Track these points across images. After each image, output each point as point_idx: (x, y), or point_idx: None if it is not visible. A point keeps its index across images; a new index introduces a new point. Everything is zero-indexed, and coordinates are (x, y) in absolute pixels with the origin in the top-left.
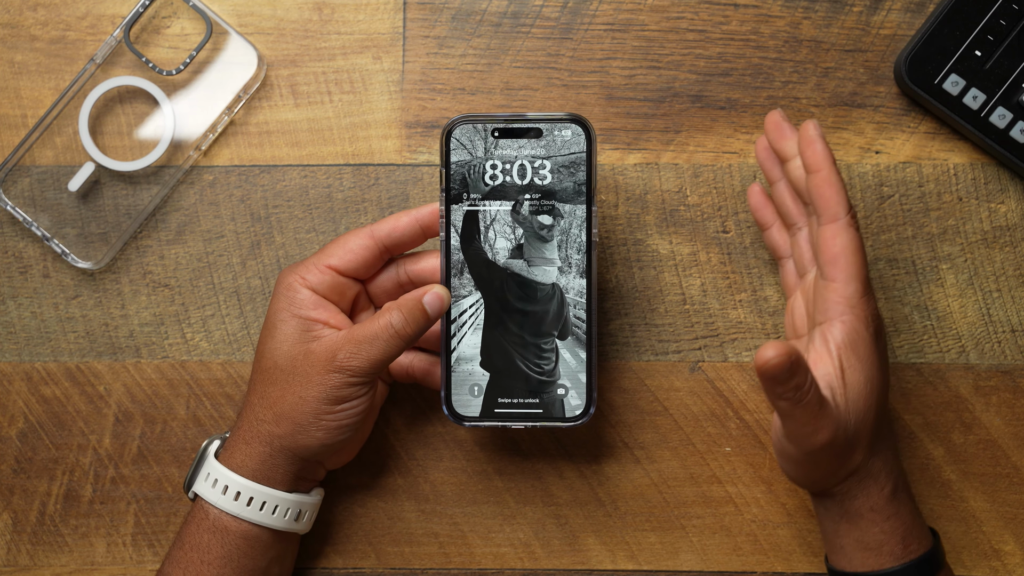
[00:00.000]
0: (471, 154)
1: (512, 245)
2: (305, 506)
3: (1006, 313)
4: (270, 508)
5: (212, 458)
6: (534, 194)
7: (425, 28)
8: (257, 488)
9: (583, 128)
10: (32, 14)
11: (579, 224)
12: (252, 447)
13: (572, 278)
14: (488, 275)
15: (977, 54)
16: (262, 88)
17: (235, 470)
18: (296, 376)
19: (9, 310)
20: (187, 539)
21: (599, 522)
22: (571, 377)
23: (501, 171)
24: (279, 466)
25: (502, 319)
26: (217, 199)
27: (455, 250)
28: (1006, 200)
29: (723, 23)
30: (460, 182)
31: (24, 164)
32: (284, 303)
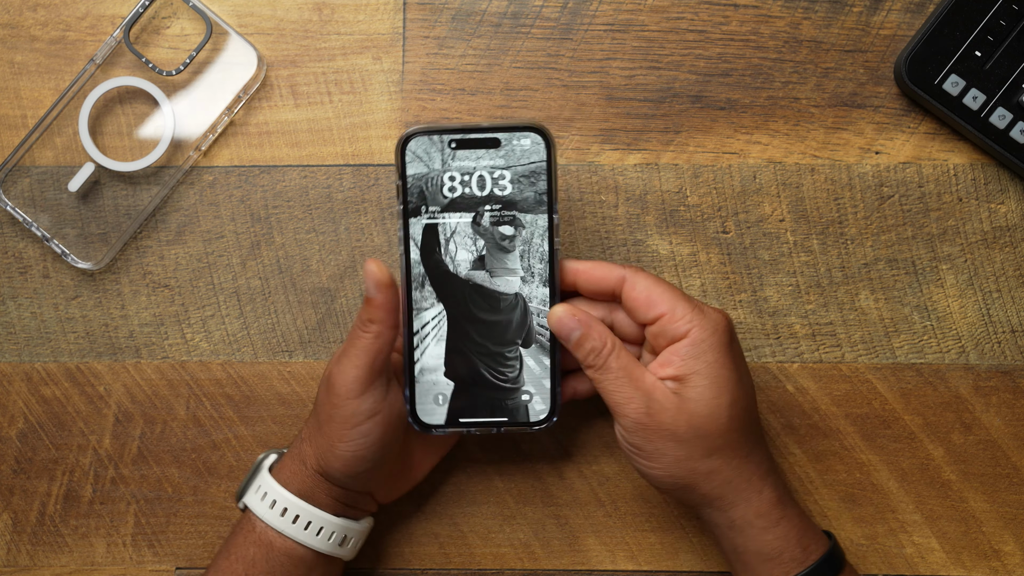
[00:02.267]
0: (428, 166)
1: (474, 256)
2: (351, 532)
3: (1006, 313)
4: (314, 529)
5: (266, 471)
6: (494, 205)
7: (425, 28)
8: (303, 506)
9: (542, 136)
10: (32, 14)
11: (541, 233)
12: (296, 466)
13: (535, 287)
14: (450, 287)
15: (977, 54)
16: (262, 88)
17: (284, 486)
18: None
19: (9, 310)
20: (233, 550)
21: (599, 522)
22: (535, 383)
23: (460, 183)
24: (321, 488)
25: (465, 329)
26: (217, 199)
27: (415, 263)
28: (1006, 200)
29: (723, 23)
30: (418, 195)
31: (24, 164)
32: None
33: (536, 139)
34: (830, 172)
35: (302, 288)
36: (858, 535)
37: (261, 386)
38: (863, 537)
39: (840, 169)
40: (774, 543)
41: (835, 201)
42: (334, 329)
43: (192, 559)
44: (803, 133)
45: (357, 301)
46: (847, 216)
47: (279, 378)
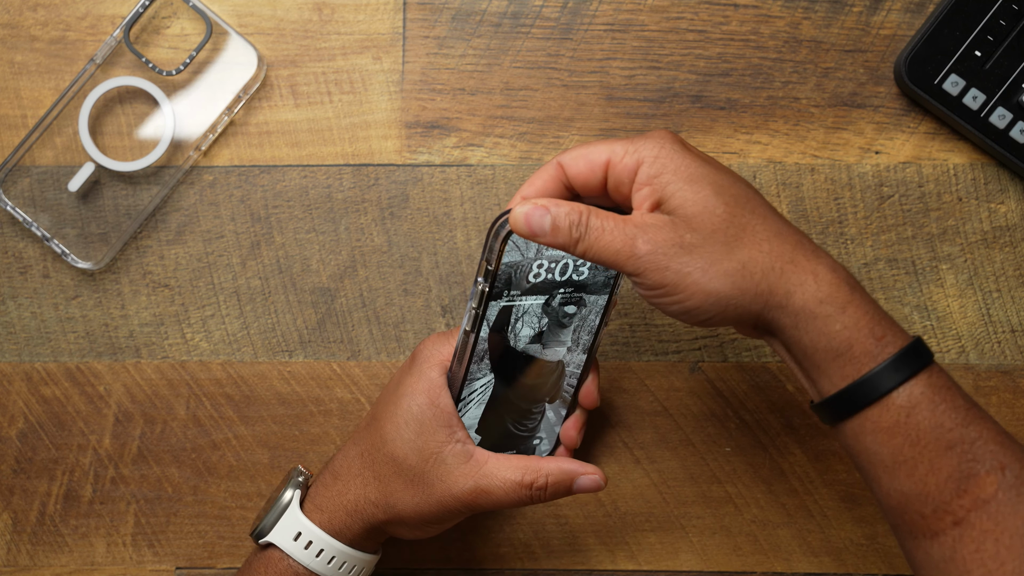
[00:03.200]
0: (523, 255)
1: (534, 332)
2: (369, 566)
3: (1006, 313)
4: (349, 567)
5: (300, 514)
6: (568, 288)
7: (425, 28)
8: (352, 554)
9: None
10: (32, 14)
11: (597, 311)
12: (354, 521)
13: (576, 354)
14: (505, 359)
15: (977, 54)
16: (262, 88)
17: (335, 535)
18: (425, 486)
19: (9, 310)
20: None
21: (599, 522)
22: (547, 430)
23: (546, 270)
24: (372, 538)
25: (506, 393)
26: (217, 199)
27: (482, 340)
28: (1006, 200)
29: (723, 23)
30: (505, 281)
31: (24, 164)
32: (423, 383)
33: None
34: (830, 172)
35: (302, 288)
36: (858, 535)
37: (261, 386)
38: (863, 537)
39: (840, 169)
40: (842, 333)
41: (835, 201)
42: (334, 329)
43: (192, 559)
44: (803, 133)
45: (357, 301)
46: (847, 216)
47: (279, 378)
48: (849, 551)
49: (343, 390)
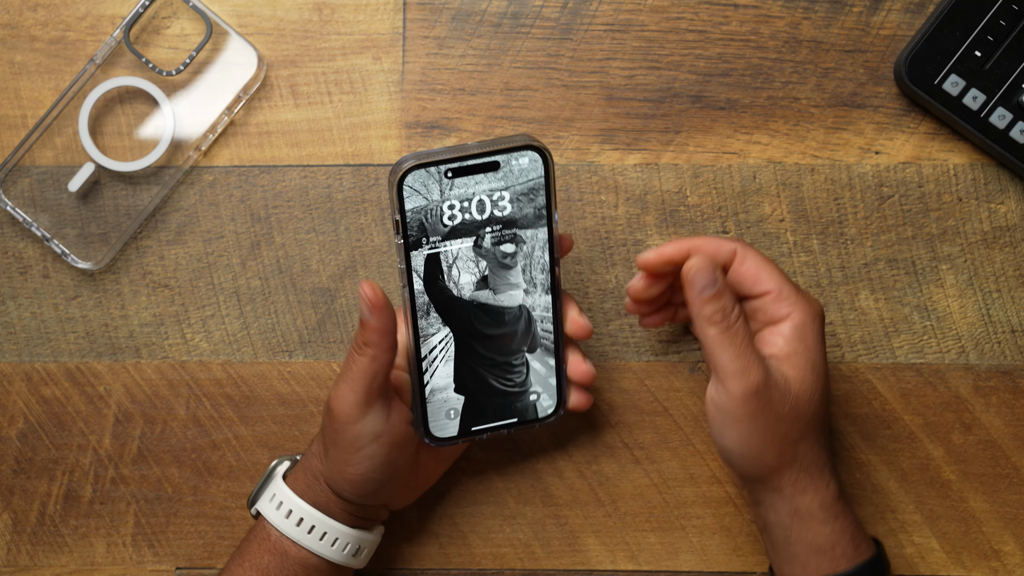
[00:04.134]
0: (427, 198)
1: (477, 278)
2: (364, 542)
3: (1006, 313)
4: (329, 540)
5: (279, 479)
6: (495, 226)
7: (425, 28)
8: (319, 517)
9: (539, 153)
10: (32, 14)
11: (541, 246)
12: (310, 477)
13: (537, 296)
14: (455, 310)
15: (977, 54)
16: (262, 88)
17: (299, 495)
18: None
19: (9, 310)
20: (247, 557)
21: (599, 522)
22: (542, 383)
23: (459, 210)
24: (334, 501)
25: (472, 346)
26: (217, 199)
27: (419, 293)
28: (1006, 200)
29: (723, 23)
30: (418, 228)
31: (24, 164)
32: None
33: (533, 156)
34: (830, 172)
35: (302, 288)
36: None
37: (261, 386)
38: None
39: (840, 169)
40: (830, 537)
41: (835, 201)
42: (334, 329)
43: (192, 559)
44: (803, 133)
45: (357, 301)
46: (847, 216)
47: (279, 378)
48: None
49: None
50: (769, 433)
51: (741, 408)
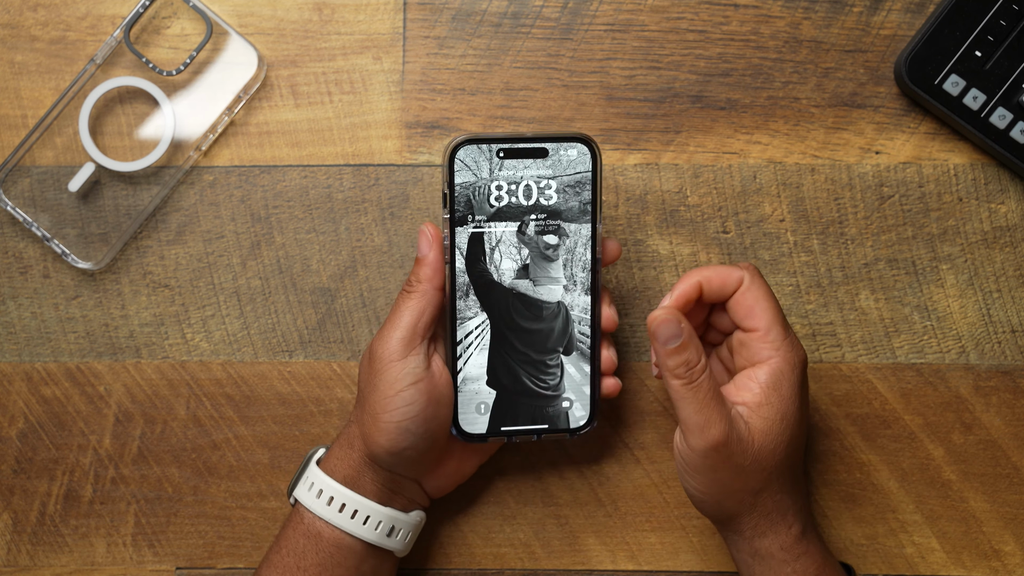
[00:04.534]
0: (476, 175)
1: (518, 265)
2: (399, 523)
3: (1006, 313)
4: (361, 517)
5: (313, 464)
6: (540, 214)
7: (425, 28)
8: (347, 493)
9: (588, 147)
10: (32, 14)
11: (584, 243)
12: (344, 450)
13: (577, 295)
14: (494, 296)
15: (977, 54)
16: (262, 88)
17: (329, 474)
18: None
19: (9, 310)
20: (284, 543)
21: (599, 522)
22: (575, 390)
23: (507, 192)
24: (366, 474)
25: (508, 338)
26: (217, 199)
27: (460, 272)
28: (1006, 200)
29: (723, 23)
30: (465, 204)
31: (24, 164)
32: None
33: (583, 149)
34: (830, 172)
35: (302, 288)
36: (858, 535)
37: (261, 386)
38: (863, 537)
39: (840, 169)
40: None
41: (835, 201)
42: (334, 329)
43: (192, 559)
44: (803, 133)
45: (357, 301)
46: (847, 216)
47: (279, 378)
48: (849, 551)
49: (343, 390)
50: (728, 484)
51: (701, 461)
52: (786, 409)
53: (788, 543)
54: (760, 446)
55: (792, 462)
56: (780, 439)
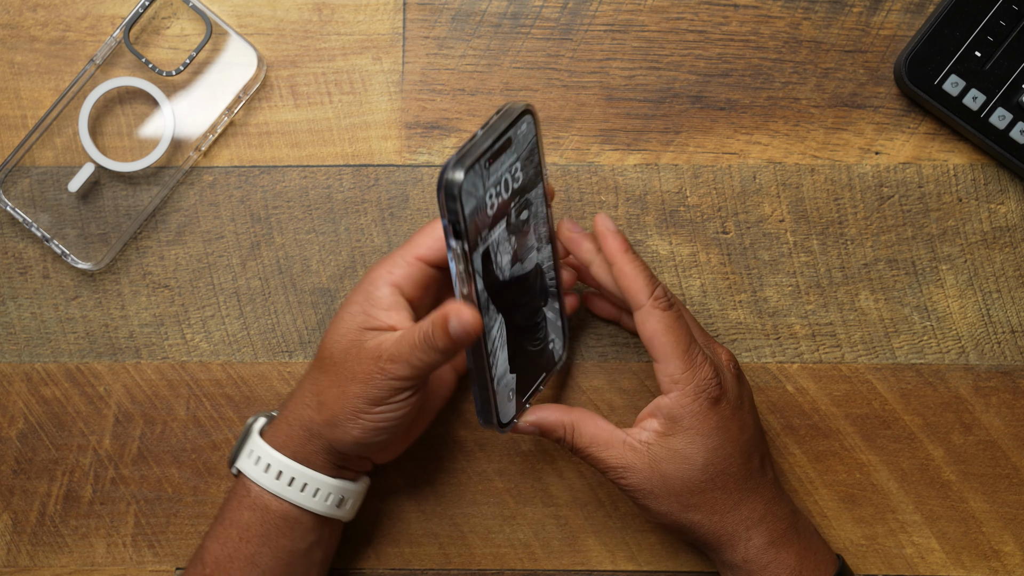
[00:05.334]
0: (475, 196)
1: (511, 254)
2: (348, 493)
3: (1006, 314)
4: (311, 490)
5: (256, 435)
6: (517, 198)
7: (425, 29)
8: (298, 468)
9: (531, 114)
10: (32, 15)
11: (540, 200)
12: (294, 429)
13: (544, 249)
14: (502, 294)
15: (977, 55)
16: (262, 89)
17: (278, 449)
18: (345, 370)
19: (9, 311)
20: (228, 515)
21: (599, 522)
22: (555, 330)
23: (495, 195)
24: (318, 452)
25: (514, 322)
26: (217, 200)
27: (480, 292)
28: (1006, 201)
29: (723, 23)
30: (474, 229)
31: (24, 165)
32: (360, 296)
33: (528, 119)
34: (830, 172)
35: (302, 288)
36: (858, 535)
37: (261, 386)
38: (863, 537)
39: (840, 169)
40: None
41: (835, 201)
42: None
43: None
44: (803, 133)
45: None
46: (847, 216)
47: (279, 378)
48: (849, 551)
49: None
50: (655, 508)
51: (625, 490)
52: (692, 439)
53: (751, 555)
54: (666, 474)
55: (721, 483)
56: (689, 465)
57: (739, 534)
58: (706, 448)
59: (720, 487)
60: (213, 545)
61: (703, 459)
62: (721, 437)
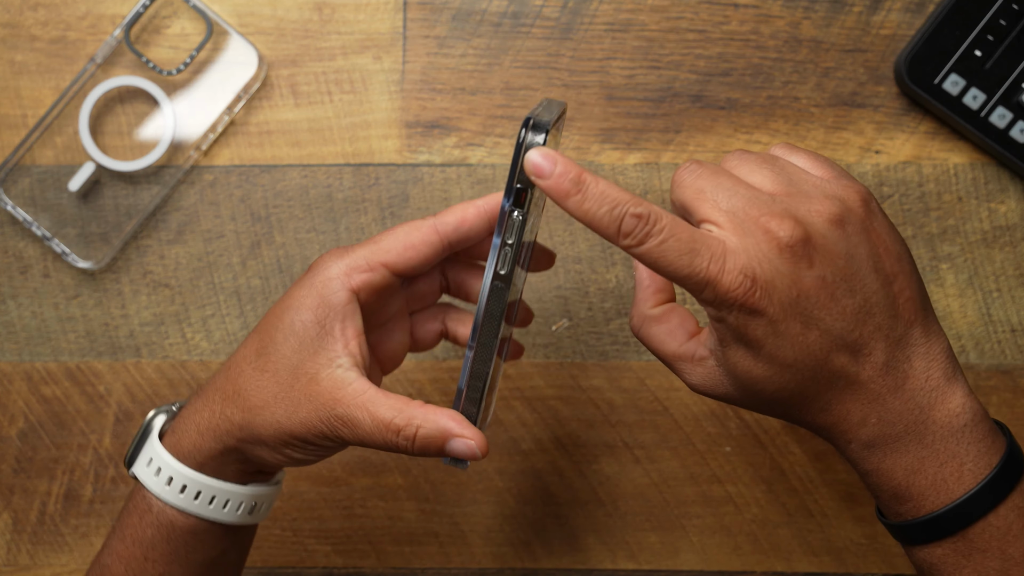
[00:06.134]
0: None
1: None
2: (261, 498)
3: (1006, 313)
4: (220, 503)
5: (156, 440)
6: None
7: (425, 28)
8: (205, 481)
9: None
10: (32, 14)
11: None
12: (203, 437)
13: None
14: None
15: (977, 54)
16: (262, 88)
17: (182, 459)
18: (289, 400)
19: (9, 310)
20: (128, 531)
21: (599, 522)
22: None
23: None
24: (228, 461)
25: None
26: (217, 199)
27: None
28: (1006, 200)
29: (723, 23)
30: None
31: (24, 164)
32: (313, 299)
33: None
34: None
35: None
36: (858, 535)
37: None
38: (863, 537)
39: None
40: (872, 488)
41: None
42: None
43: None
44: (803, 132)
45: None
46: None
47: None
48: (849, 551)
49: None
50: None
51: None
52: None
53: (852, 457)
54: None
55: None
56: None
57: (835, 437)
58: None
59: (787, 398)
60: (116, 566)
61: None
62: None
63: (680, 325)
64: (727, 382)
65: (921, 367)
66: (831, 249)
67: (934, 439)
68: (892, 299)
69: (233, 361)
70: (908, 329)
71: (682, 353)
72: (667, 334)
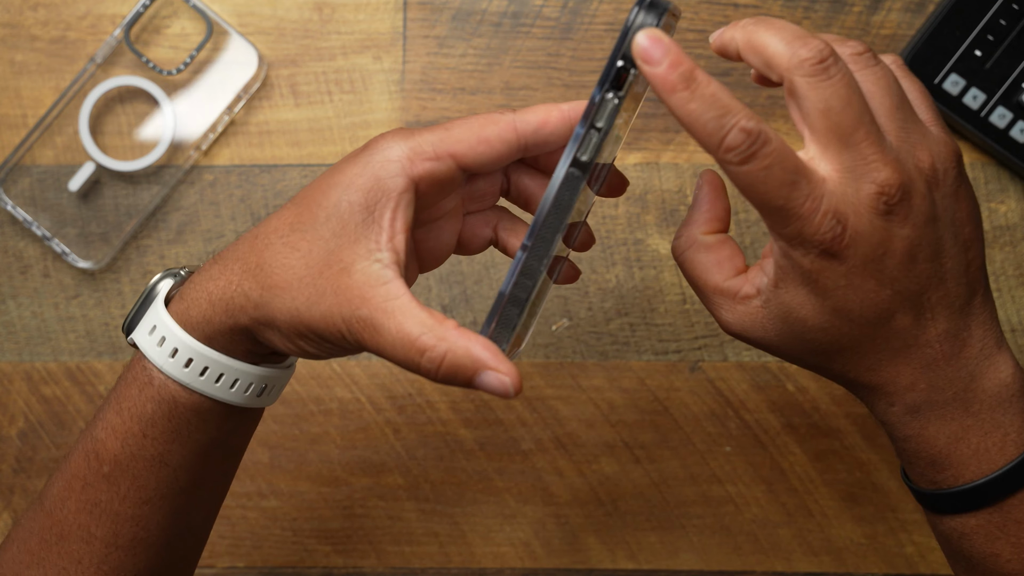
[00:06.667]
0: None
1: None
2: (272, 380)
3: (1006, 313)
4: (228, 381)
5: (161, 306)
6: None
7: (425, 28)
8: (213, 357)
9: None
10: (32, 14)
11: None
12: (216, 312)
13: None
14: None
15: (977, 54)
16: (262, 88)
17: (189, 330)
18: (315, 288)
19: (9, 310)
20: (126, 404)
21: (599, 522)
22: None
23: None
24: (242, 342)
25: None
26: (217, 199)
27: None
28: (1006, 200)
29: (723, 23)
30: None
31: (24, 164)
32: (367, 178)
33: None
34: None
35: None
36: (858, 534)
37: None
38: (863, 536)
39: None
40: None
41: None
42: None
43: None
44: None
45: None
46: None
47: None
48: (849, 551)
49: (343, 390)
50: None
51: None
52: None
53: (891, 420)
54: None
55: (848, 346)
56: (807, 332)
57: (878, 398)
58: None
59: (835, 350)
60: (111, 441)
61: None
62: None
63: (729, 259)
64: (768, 325)
65: (979, 335)
66: (925, 211)
67: (981, 407)
68: (965, 267)
69: (262, 231)
70: (972, 297)
71: (726, 288)
72: (715, 264)
